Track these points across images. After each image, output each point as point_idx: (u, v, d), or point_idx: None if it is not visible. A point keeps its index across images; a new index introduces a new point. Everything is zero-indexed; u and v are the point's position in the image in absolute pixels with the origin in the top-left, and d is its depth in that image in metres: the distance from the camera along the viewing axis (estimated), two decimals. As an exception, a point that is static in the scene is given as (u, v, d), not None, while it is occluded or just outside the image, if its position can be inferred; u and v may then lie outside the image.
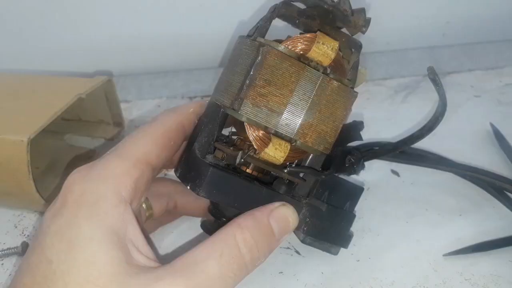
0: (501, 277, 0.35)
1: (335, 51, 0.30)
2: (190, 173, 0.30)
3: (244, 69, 0.29)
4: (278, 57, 0.29)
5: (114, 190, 0.27)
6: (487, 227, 0.39)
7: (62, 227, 0.26)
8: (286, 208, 0.30)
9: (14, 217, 0.43)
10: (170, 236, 0.39)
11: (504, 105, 0.52)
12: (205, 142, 0.30)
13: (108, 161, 0.29)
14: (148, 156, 0.30)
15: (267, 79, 0.29)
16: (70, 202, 0.27)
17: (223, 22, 0.62)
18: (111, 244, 0.25)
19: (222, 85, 0.31)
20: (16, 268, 0.38)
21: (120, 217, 0.27)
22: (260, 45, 0.29)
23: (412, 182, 0.44)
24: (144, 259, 0.26)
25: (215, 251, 0.26)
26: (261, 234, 0.28)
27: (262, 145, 0.30)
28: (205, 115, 0.32)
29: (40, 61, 0.63)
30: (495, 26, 0.65)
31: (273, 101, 0.29)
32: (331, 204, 0.34)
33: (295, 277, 0.36)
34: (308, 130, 0.30)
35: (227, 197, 0.30)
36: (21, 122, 0.39)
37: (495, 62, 0.59)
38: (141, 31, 0.62)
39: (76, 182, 0.28)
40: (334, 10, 0.31)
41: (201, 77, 0.62)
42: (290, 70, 0.29)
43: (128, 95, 0.60)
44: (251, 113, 0.29)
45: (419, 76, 0.58)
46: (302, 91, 0.30)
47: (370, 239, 0.38)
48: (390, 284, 0.35)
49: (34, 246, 0.27)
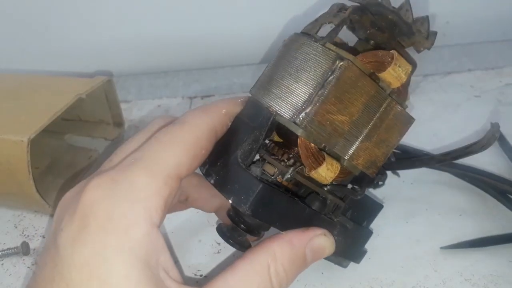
0: (501, 277, 0.35)
1: (408, 75, 0.28)
2: (233, 185, 0.27)
3: (313, 80, 0.26)
4: (356, 74, 0.26)
5: (145, 215, 0.24)
6: (487, 227, 0.39)
7: (90, 260, 0.23)
8: (326, 240, 0.29)
9: (14, 217, 0.43)
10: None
11: (504, 105, 0.52)
12: (248, 149, 0.27)
13: (136, 176, 0.25)
14: (179, 169, 0.26)
15: (339, 96, 0.26)
16: (95, 228, 0.24)
17: (223, 23, 0.62)
18: (146, 280, 0.23)
19: (277, 89, 0.28)
20: (16, 269, 0.38)
21: (153, 245, 0.24)
22: (338, 57, 0.26)
23: (412, 182, 0.44)
24: (175, 285, 0.25)
25: (249, 285, 0.26)
26: (294, 265, 0.27)
27: (314, 163, 0.27)
28: (249, 117, 0.29)
29: (40, 61, 0.63)
30: (495, 26, 0.65)
31: (339, 120, 0.27)
32: (354, 221, 0.32)
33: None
34: (363, 153, 0.28)
35: (271, 216, 0.28)
36: (21, 122, 0.39)
37: (495, 62, 0.59)
38: (141, 31, 0.63)
39: (99, 201, 0.24)
40: (399, 21, 0.29)
41: (201, 77, 0.62)
42: (363, 90, 0.27)
43: (128, 95, 0.60)
44: (314, 130, 0.26)
45: (419, 76, 0.58)
46: (368, 112, 0.27)
47: (370, 239, 0.38)
48: (390, 284, 0.35)
49: (53, 275, 0.24)
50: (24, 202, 0.41)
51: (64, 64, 0.64)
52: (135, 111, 0.57)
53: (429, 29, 0.29)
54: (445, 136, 0.43)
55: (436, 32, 0.30)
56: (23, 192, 0.38)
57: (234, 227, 0.31)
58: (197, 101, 0.58)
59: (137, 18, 0.62)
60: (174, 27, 0.63)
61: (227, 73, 0.62)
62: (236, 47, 0.64)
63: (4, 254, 0.39)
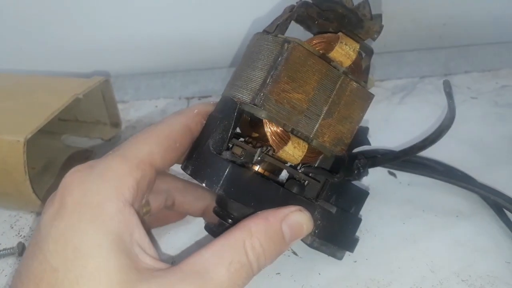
0: (497, 278, 0.35)
1: (356, 53, 0.30)
2: (205, 170, 0.29)
3: (266, 65, 0.29)
4: (303, 54, 0.29)
5: (117, 192, 0.26)
6: (484, 228, 0.39)
7: (65, 232, 0.25)
8: (302, 215, 0.30)
9: (10, 217, 0.43)
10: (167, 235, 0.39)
11: (500, 106, 0.53)
12: (219, 138, 0.29)
13: (110, 161, 0.28)
14: (151, 157, 0.29)
15: (291, 75, 0.29)
16: (71, 204, 0.26)
17: (221, 23, 0.62)
18: (119, 251, 0.24)
19: (239, 81, 0.30)
20: (12, 269, 0.38)
21: (126, 221, 0.26)
22: (285, 41, 0.29)
23: (409, 183, 0.44)
24: (151, 261, 0.26)
25: (225, 258, 0.26)
26: (271, 241, 0.28)
27: (281, 143, 0.29)
28: (218, 111, 0.31)
29: (37, 61, 0.63)
30: (491, 28, 0.65)
31: (296, 98, 0.29)
32: (339, 207, 0.33)
33: (292, 278, 0.36)
34: (327, 130, 0.30)
35: (245, 195, 0.29)
36: (18, 122, 0.39)
37: (492, 64, 0.59)
38: (139, 31, 0.62)
39: (76, 182, 0.26)
40: (349, 14, 0.31)
41: (198, 78, 0.62)
42: (314, 68, 0.29)
43: (125, 96, 0.60)
44: (273, 110, 0.28)
45: (416, 78, 0.58)
46: (323, 90, 0.29)
47: (367, 240, 0.38)
48: (387, 285, 0.35)
49: (34, 251, 0.25)
50: (20, 202, 0.41)
51: (61, 64, 0.63)
52: (132, 112, 0.57)
53: (371, 11, 0.31)
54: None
55: (381, 14, 0.32)
56: (19, 192, 0.38)
57: (221, 222, 0.32)
58: (194, 102, 0.58)
59: (134, 18, 0.61)
60: (172, 27, 0.63)
61: (224, 74, 0.62)
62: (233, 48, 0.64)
63: (0, 255, 0.39)
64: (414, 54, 0.63)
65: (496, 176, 0.43)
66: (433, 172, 0.43)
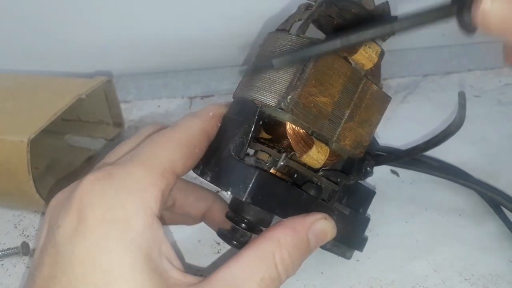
0: (500, 277, 0.35)
1: (378, 55, 0.30)
2: (229, 176, 0.28)
3: (292, 67, 0.28)
4: (331, 56, 0.28)
5: (144, 206, 0.24)
6: (487, 226, 0.39)
7: (91, 252, 0.22)
8: (327, 223, 0.29)
9: (14, 217, 0.43)
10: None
11: (503, 105, 0.52)
12: (239, 143, 0.28)
13: (132, 169, 0.25)
14: (174, 164, 0.27)
15: (319, 78, 0.28)
16: (93, 220, 0.23)
17: (222, 23, 0.62)
18: (150, 270, 0.23)
19: (261, 82, 0.29)
20: (16, 269, 0.38)
21: (154, 236, 0.24)
22: (312, 42, 0.28)
23: (412, 182, 0.44)
24: (179, 275, 0.25)
25: (255, 273, 0.25)
26: (298, 251, 0.27)
27: (305, 147, 0.28)
28: (235, 113, 0.30)
29: (40, 61, 0.63)
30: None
31: (322, 102, 0.28)
32: (350, 207, 0.33)
33: (295, 277, 0.36)
34: (348, 133, 0.30)
35: (271, 202, 0.28)
36: (21, 122, 0.39)
37: (495, 62, 0.59)
38: (141, 31, 0.62)
39: (95, 193, 0.24)
40: (363, 13, 0.30)
41: (200, 77, 0.62)
42: (340, 71, 0.29)
43: (128, 96, 0.60)
44: (300, 114, 0.28)
45: (419, 76, 0.58)
46: (347, 93, 0.29)
47: (370, 239, 0.38)
48: (390, 284, 0.35)
49: (54, 273, 0.23)
50: (23, 202, 0.41)
51: (64, 64, 0.63)
52: (134, 111, 0.57)
53: (390, 12, 0.31)
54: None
55: (397, 16, 0.31)
56: (23, 192, 0.38)
57: (234, 228, 0.31)
58: (196, 101, 0.58)
59: (137, 18, 0.61)
60: (174, 27, 0.63)
61: (226, 73, 0.62)
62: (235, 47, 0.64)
63: (4, 254, 0.39)
64: (417, 52, 0.63)
65: (499, 174, 0.42)
66: (429, 168, 0.43)
